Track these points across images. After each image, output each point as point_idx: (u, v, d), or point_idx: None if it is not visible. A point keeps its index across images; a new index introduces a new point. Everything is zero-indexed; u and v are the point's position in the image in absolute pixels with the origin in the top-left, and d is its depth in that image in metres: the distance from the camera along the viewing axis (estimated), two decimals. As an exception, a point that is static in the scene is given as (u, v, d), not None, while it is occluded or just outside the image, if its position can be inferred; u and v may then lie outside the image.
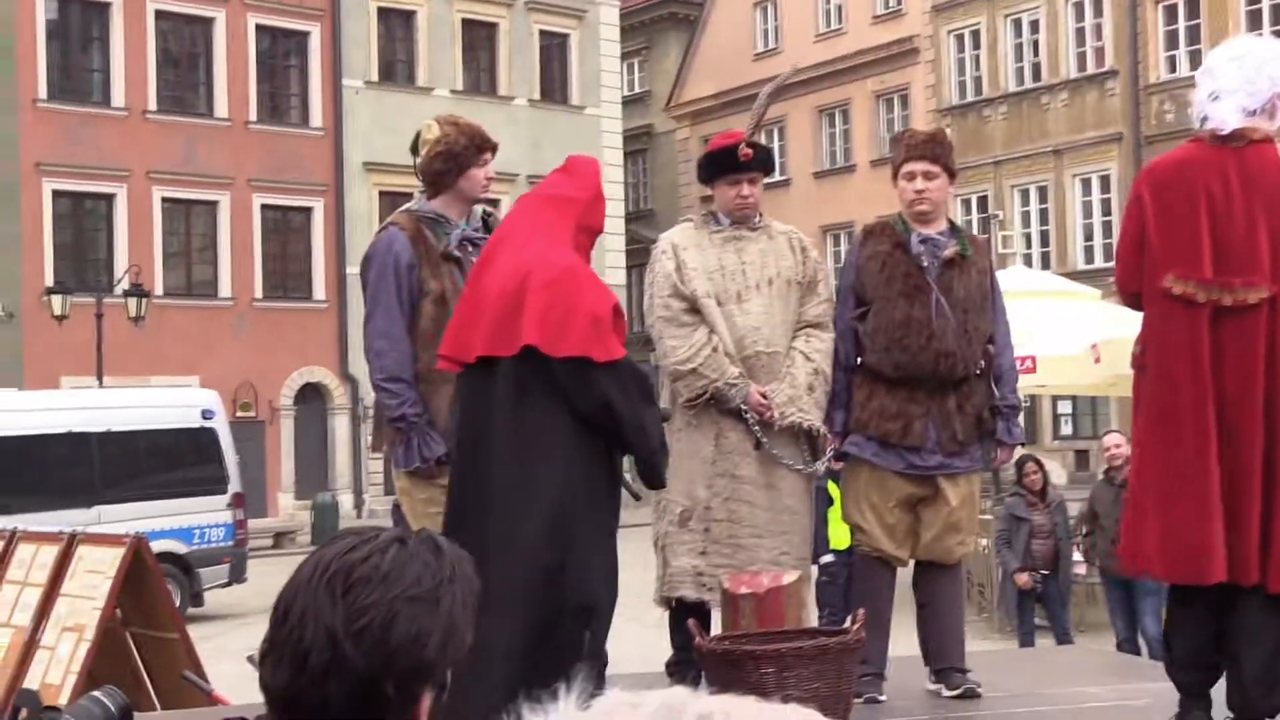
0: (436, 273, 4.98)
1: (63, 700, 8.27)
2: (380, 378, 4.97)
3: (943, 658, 5.50)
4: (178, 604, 15.23)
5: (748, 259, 5.37)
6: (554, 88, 36.58)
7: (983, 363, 5.51)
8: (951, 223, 5.69)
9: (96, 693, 2.57)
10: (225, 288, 31.79)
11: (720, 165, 5.41)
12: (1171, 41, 31.08)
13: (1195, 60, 30.39)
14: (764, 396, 5.23)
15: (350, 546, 1.72)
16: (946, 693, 5.38)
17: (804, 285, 5.44)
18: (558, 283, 4.25)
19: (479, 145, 5.09)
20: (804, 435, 5.27)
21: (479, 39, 35.41)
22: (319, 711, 1.68)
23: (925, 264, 5.44)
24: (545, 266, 4.27)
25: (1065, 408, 32.91)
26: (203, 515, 17.30)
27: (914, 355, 5.36)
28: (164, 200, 31.00)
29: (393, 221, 5.17)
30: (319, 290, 32.93)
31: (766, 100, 5.53)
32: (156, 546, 14.19)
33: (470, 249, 5.06)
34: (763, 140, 5.53)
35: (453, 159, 5.03)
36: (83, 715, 2.49)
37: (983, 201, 34.41)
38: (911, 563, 5.62)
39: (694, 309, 5.28)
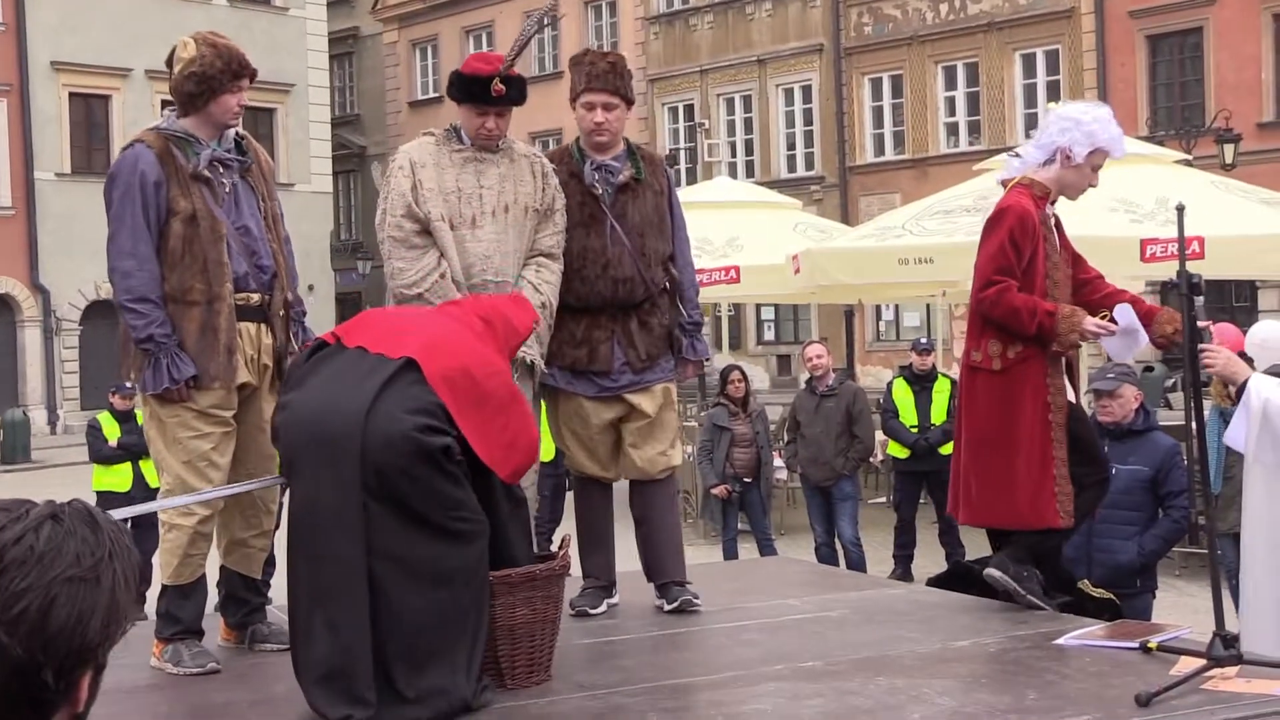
0: (186, 192, 4.83)
1: None
2: (126, 298, 4.80)
3: (662, 572, 5.63)
4: None
5: (486, 183, 5.25)
6: (255, -13, 35.36)
7: (665, 282, 5.60)
8: (628, 144, 5.71)
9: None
10: (-101, 193, 29.93)
11: (469, 93, 5.22)
12: (870, -44, 31.87)
13: (892, -25, 31.32)
14: None
15: None
16: (667, 606, 5.51)
17: (540, 212, 5.35)
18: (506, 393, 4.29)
19: (235, 71, 4.89)
20: (524, 369, 5.23)
21: (173, -68, 33.90)
22: None
23: (599, 191, 5.48)
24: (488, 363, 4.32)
25: (768, 314, 33.80)
26: (-120, 438, 16.36)
27: (592, 284, 5.43)
28: None
29: (139, 139, 4.97)
30: (4, 196, 31.27)
31: (531, 33, 5.41)
32: None
33: (220, 169, 4.93)
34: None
35: (205, 82, 4.85)
36: None
37: (689, 110, 34.81)
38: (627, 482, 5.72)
39: (426, 231, 5.16)
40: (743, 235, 16.17)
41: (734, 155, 34.08)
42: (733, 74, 34.26)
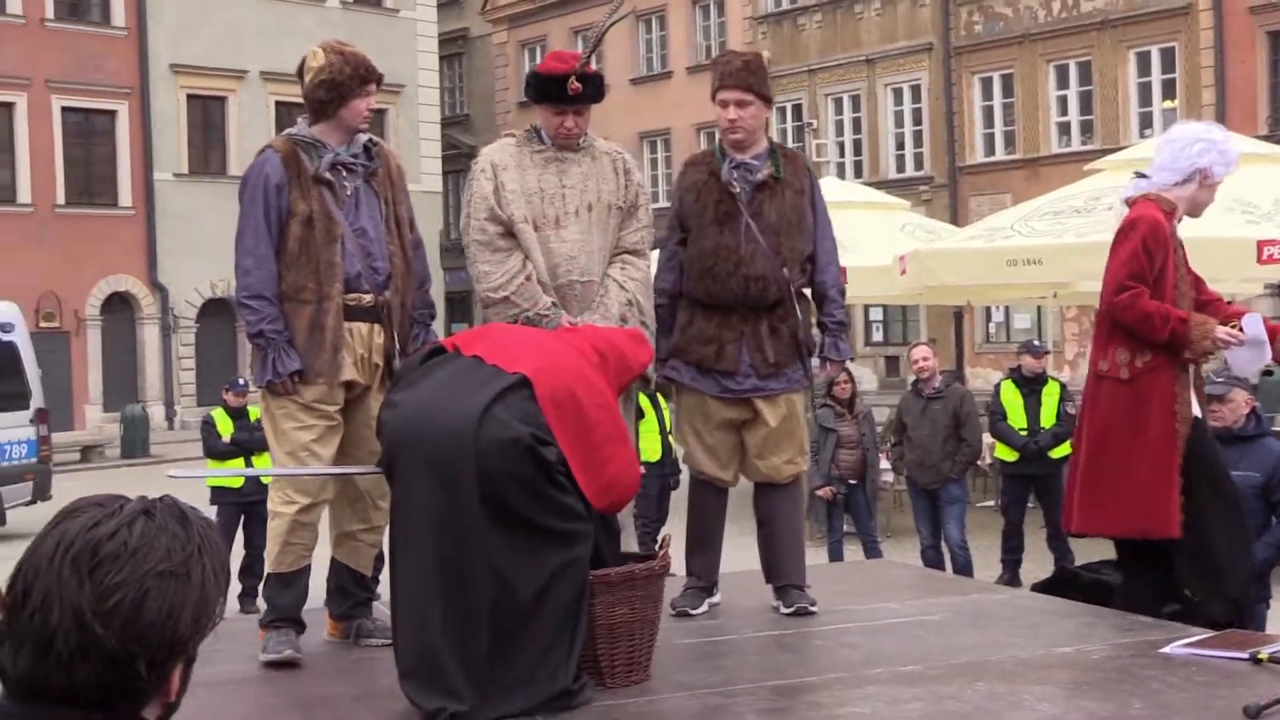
0: (306, 194, 4.98)
1: None
2: (243, 295, 5.00)
3: (781, 575, 5.63)
4: (-22, 524, 14.84)
5: (569, 182, 5.28)
6: (368, -11, 35.82)
7: (802, 283, 5.58)
8: (772, 144, 5.69)
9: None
10: (25, 193, 30.66)
11: (547, 93, 5.26)
12: (981, -47, 31.56)
13: (1004, -28, 30.97)
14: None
15: (94, 521, 1.65)
16: (784, 610, 5.52)
17: (624, 210, 5.38)
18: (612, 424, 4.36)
19: (363, 76, 5.06)
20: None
21: (289, -63, 34.47)
22: (66, 696, 1.61)
23: (737, 190, 5.48)
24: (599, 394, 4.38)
25: (876, 315, 33.58)
26: (4, 432, 16.79)
27: (723, 281, 5.42)
28: (-44, 102, 29.75)
29: (269, 145, 5.16)
30: (125, 196, 31.95)
31: (604, 29, 5.43)
32: (-45, 465, 13.82)
33: (344, 173, 5.06)
34: (594, 65, 5.39)
35: (335, 88, 5.01)
36: None
37: (797, 110, 34.68)
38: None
39: (510, 233, 5.19)
40: (851, 236, 16.02)
41: (842, 155, 33.89)
42: (841, 73, 34.07)
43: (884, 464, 12.67)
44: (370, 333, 5.07)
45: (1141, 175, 5.71)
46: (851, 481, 11.55)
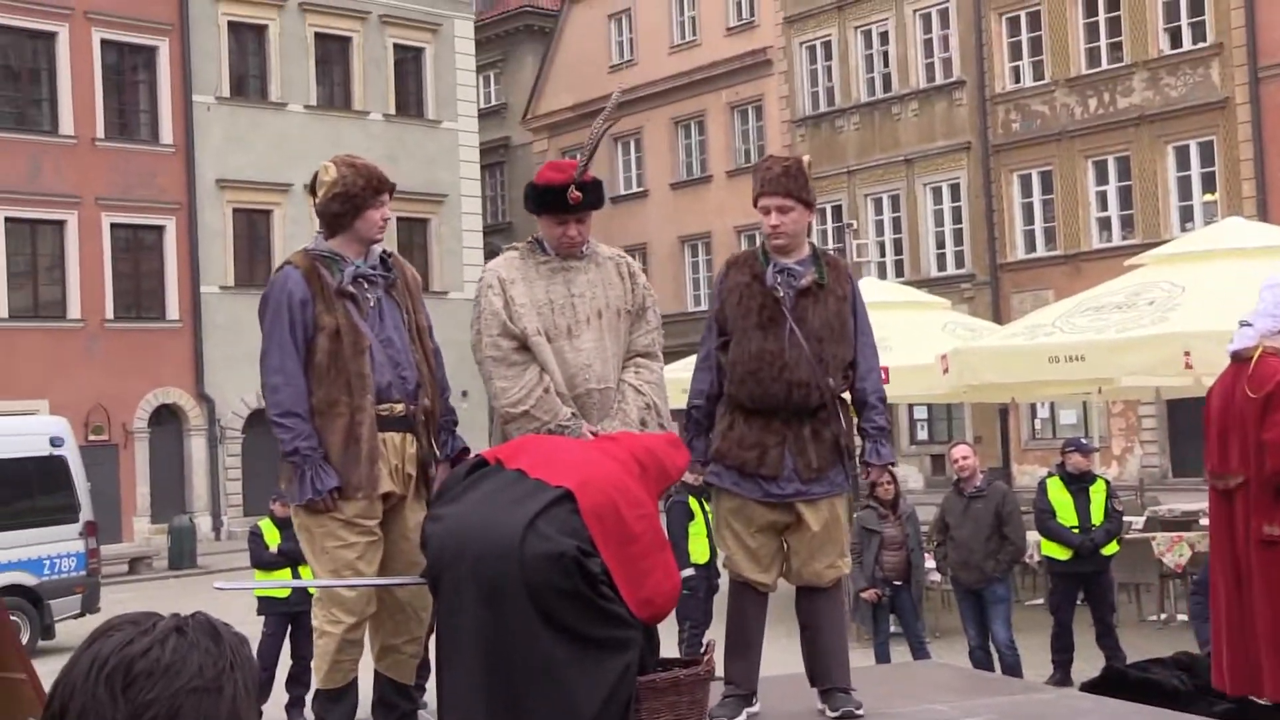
0: (330, 308, 5.00)
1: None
2: (274, 413, 5.02)
3: (825, 678, 5.57)
4: (27, 638, 14.89)
5: (577, 290, 5.26)
6: (410, 101, 36.36)
7: (844, 389, 5.59)
8: (814, 249, 5.71)
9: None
10: (75, 308, 31.09)
11: (546, 203, 5.25)
12: (1015, 52, 31.81)
13: (1038, 71, 31.21)
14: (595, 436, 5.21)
15: (128, 639, 1.67)
16: (830, 713, 5.46)
17: (633, 313, 5.38)
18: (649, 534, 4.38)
19: (375, 187, 5.10)
20: None
21: (333, 53, 35.08)
22: None
23: (781, 295, 5.50)
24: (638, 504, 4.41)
25: (921, 413, 33.48)
26: (53, 545, 16.89)
27: (767, 386, 5.41)
28: (8, 220, 30.23)
29: (288, 261, 5.21)
30: (173, 310, 32.35)
31: (600, 131, 5.39)
32: (5, 579, 13.94)
33: (365, 285, 5.10)
34: (594, 172, 5.38)
35: (349, 200, 5.05)
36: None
37: (837, 211, 34.88)
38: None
39: (524, 347, 5.16)
40: (892, 335, 16.05)
41: (883, 255, 34.02)
42: (880, 174, 34.30)
43: (929, 564, 12.58)
44: (403, 442, 5.08)
45: (1245, 324, 5.76)
46: (896, 582, 11.48)
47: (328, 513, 4.92)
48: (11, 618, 10.16)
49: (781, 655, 5.69)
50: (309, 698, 11.32)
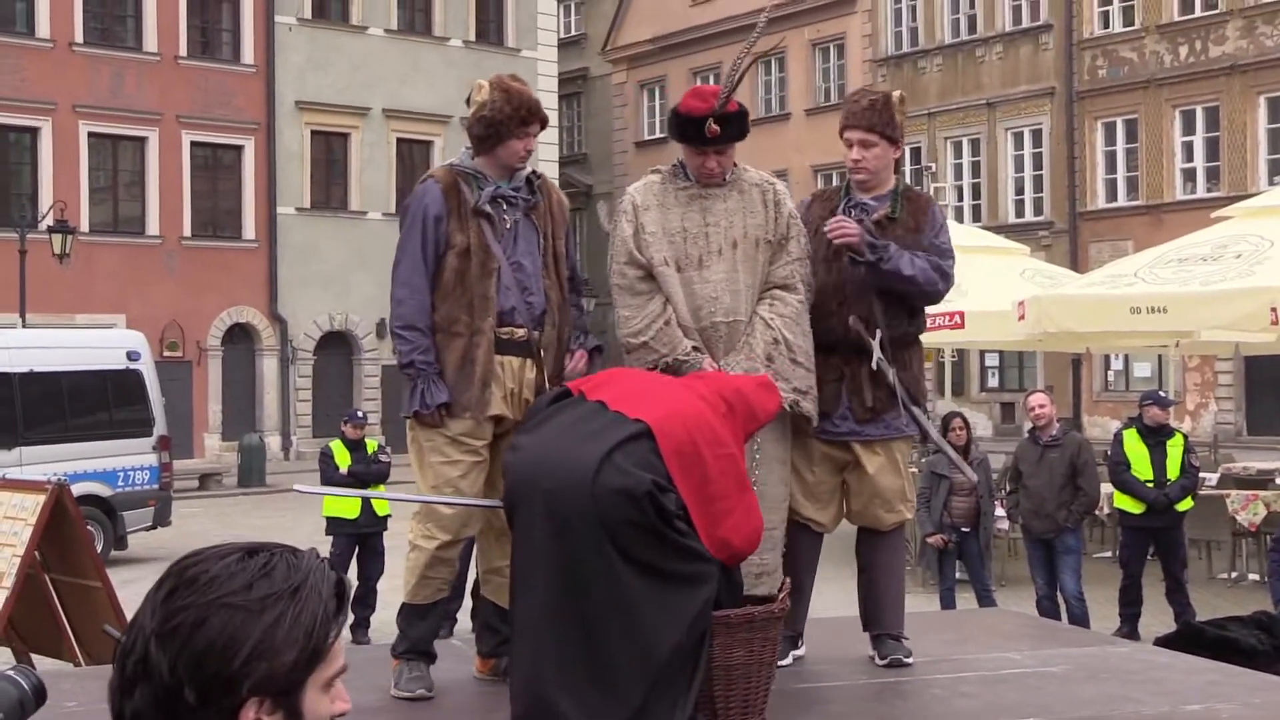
0: (464, 226, 4.95)
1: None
2: (397, 325, 4.99)
3: (877, 623, 5.48)
4: (101, 548, 15.13)
5: (712, 219, 5.14)
6: (489, 29, 36.24)
7: (912, 330, 5.49)
8: (899, 185, 5.57)
9: (10, 671, 2.52)
10: (153, 225, 31.39)
11: (686, 134, 5.10)
12: (1106, -3, 31.25)
13: (1128, 16, 30.61)
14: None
15: (194, 554, 1.65)
16: (878, 660, 5.39)
17: (774, 244, 5.22)
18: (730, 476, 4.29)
19: (522, 117, 4.96)
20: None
21: (414, -24, 35.05)
22: None
23: None
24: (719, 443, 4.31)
25: (992, 360, 33.22)
26: (127, 458, 17.14)
27: (825, 320, 5.30)
28: (90, 135, 30.51)
29: (431, 174, 5.15)
30: (249, 230, 32.58)
31: (746, 60, 5.15)
32: (80, 489, 14.10)
33: (504, 206, 5.01)
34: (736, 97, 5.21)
35: (493, 126, 4.95)
36: (-3, 696, 2.45)
37: (916, 153, 34.48)
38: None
39: (650, 276, 5.08)
40: (968, 280, 15.88)
41: (961, 199, 33.66)
42: (961, 117, 33.87)
43: (999, 512, 12.48)
44: (522, 367, 5.01)
45: None
46: (965, 529, 11.40)
47: (435, 427, 4.89)
48: (87, 527, 10.34)
49: (818, 599, 5.59)
50: (373, 618, 11.50)
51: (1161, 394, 12.39)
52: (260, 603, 1.59)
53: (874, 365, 5.31)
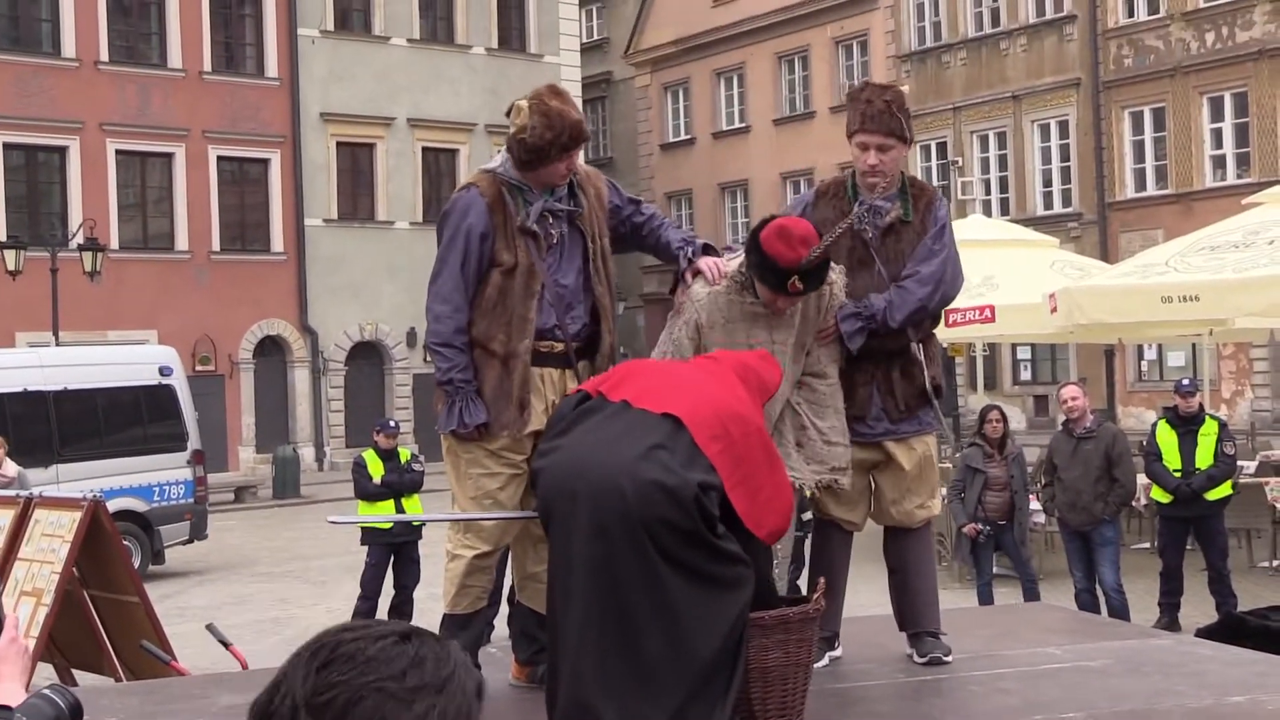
0: (510, 245, 4.86)
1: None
2: (434, 341, 4.94)
3: (914, 622, 5.45)
4: (138, 563, 15.20)
5: (779, 337, 5.08)
6: (512, 36, 36.28)
7: (930, 327, 5.48)
8: (904, 180, 5.53)
9: (46, 690, 2.53)
10: (182, 240, 31.54)
11: (766, 277, 4.92)
12: (1130, -14, 31.09)
13: (1152, 4, 30.43)
14: None
15: (348, 628, 1.67)
16: (917, 659, 5.36)
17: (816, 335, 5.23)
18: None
19: (564, 144, 4.84)
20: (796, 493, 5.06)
21: (435, -14, 35.13)
22: None
23: (869, 235, 5.36)
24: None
25: (1024, 353, 33.08)
26: (163, 473, 17.23)
27: None
28: (118, 152, 30.68)
29: (474, 182, 5.01)
30: (277, 242, 32.70)
31: (840, 230, 5.04)
32: (116, 505, 14.19)
33: (550, 220, 4.94)
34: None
35: (534, 152, 4.84)
36: (34, 714, 2.45)
37: (941, 148, 34.40)
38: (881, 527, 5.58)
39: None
40: (998, 274, 15.86)
41: (988, 193, 33.52)
42: (986, 110, 33.75)
43: (1034, 505, 12.42)
44: (563, 378, 4.98)
45: None
46: (1001, 523, 11.35)
47: (473, 442, 4.87)
48: (124, 543, 10.39)
49: (851, 598, 5.56)
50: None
51: (1182, 382, 12.31)
52: (412, 693, 1.61)
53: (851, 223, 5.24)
